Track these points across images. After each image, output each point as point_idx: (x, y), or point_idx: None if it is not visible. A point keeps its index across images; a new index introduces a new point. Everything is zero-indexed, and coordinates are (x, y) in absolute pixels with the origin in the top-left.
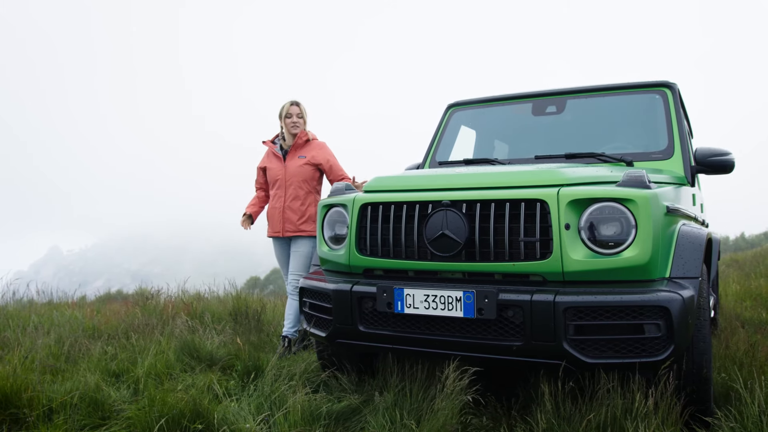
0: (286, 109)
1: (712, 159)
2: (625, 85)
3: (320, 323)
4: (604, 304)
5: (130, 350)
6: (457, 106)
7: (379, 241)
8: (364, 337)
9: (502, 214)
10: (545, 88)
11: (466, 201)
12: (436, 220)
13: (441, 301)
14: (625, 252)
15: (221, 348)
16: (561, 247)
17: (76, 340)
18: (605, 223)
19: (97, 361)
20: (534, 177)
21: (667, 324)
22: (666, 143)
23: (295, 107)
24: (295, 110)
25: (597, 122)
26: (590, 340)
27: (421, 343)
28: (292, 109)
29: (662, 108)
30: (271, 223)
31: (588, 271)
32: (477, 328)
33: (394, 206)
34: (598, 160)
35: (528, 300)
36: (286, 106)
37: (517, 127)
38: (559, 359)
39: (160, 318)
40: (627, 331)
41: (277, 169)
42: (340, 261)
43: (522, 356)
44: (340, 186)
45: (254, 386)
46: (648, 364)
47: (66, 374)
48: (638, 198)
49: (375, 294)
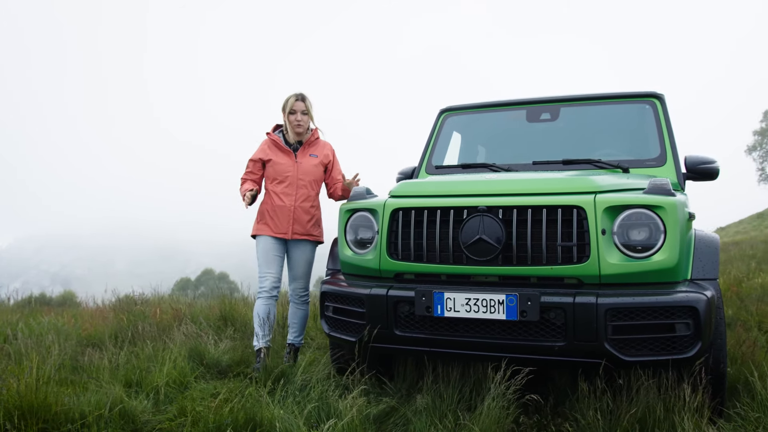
0: (290, 105)
1: (701, 166)
2: (617, 95)
3: (349, 327)
4: (641, 305)
5: (141, 359)
6: (450, 111)
7: (411, 246)
8: (399, 340)
9: (539, 219)
10: (538, 96)
11: (503, 207)
12: (472, 225)
13: (483, 305)
14: (656, 255)
15: (225, 354)
16: (598, 251)
17: (82, 350)
18: (636, 228)
19: (111, 371)
20: (569, 184)
21: (695, 323)
22: (659, 151)
23: (300, 103)
24: (300, 106)
25: (590, 130)
26: (628, 340)
27: (461, 346)
28: (297, 105)
29: (653, 117)
30: (273, 222)
31: (622, 274)
32: (519, 330)
33: (427, 211)
34: (595, 167)
35: (571, 302)
36: (290, 101)
37: (511, 133)
38: (600, 358)
39: (153, 324)
40: (660, 330)
41: (286, 164)
42: (369, 265)
43: (564, 356)
44: (361, 190)
45: (285, 392)
46: (679, 360)
47: (82, 385)
48: (667, 205)
49: (413, 298)
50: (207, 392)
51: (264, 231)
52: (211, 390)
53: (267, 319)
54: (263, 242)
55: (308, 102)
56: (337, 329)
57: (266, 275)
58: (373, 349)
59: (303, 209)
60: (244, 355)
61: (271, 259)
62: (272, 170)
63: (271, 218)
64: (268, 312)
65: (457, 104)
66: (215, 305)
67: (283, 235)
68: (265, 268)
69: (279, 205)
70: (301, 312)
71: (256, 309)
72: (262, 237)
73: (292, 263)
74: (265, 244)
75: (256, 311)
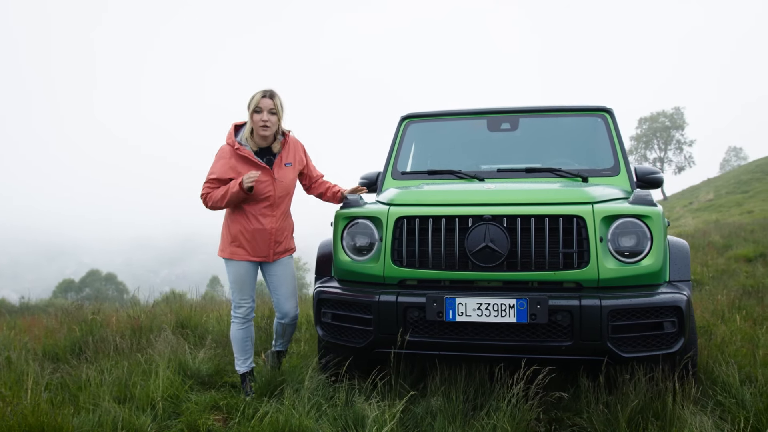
0: (255, 102)
1: (649, 176)
2: (571, 108)
3: (353, 334)
4: (637, 306)
5: (127, 373)
6: (411, 118)
7: (416, 253)
8: (409, 345)
9: (542, 228)
10: (499, 106)
11: (507, 216)
12: (478, 233)
13: (494, 309)
14: (644, 260)
15: (204, 364)
16: (597, 257)
17: (56, 367)
18: (626, 236)
19: (97, 387)
20: (568, 195)
21: (679, 320)
22: (612, 162)
23: (267, 100)
24: (267, 104)
25: (548, 140)
26: (626, 338)
27: (472, 349)
28: (264, 102)
29: (605, 130)
30: (251, 245)
31: (617, 278)
32: (528, 332)
33: (432, 219)
34: (556, 175)
35: (577, 305)
36: (256, 98)
37: (473, 142)
38: (602, 355)
39: (114, 335)
40: (651, 328)
41: (264, 184)
42: (372, 272)
43: (570, 355)
44: (355, 197)
45: (296, 400)
46: (666, 355)
47: (76, 404)
48: (653, 214)
49: (423, 304)
50: (204, 405)
51: (239, 255)
52: (207, 402)
53: (246, 342)
54: (237, 267)
55: (278, 100)
56: (338, 336)
57: (242, 303)
58: (377, 354)
59: (282, 228)
60: (220, 365)
61: (247, 286)
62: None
63: (248, 241)
64: (246, 336)
65: (418, 111)
66: (168, 311)
67: (263, 258)
68: (239, 295)
69: (257, 228)
70: (291, 328)
71: (234, 335)
72: (235, 262)
73: (276, 281)
74: (239, 269)
75: (233, 337)
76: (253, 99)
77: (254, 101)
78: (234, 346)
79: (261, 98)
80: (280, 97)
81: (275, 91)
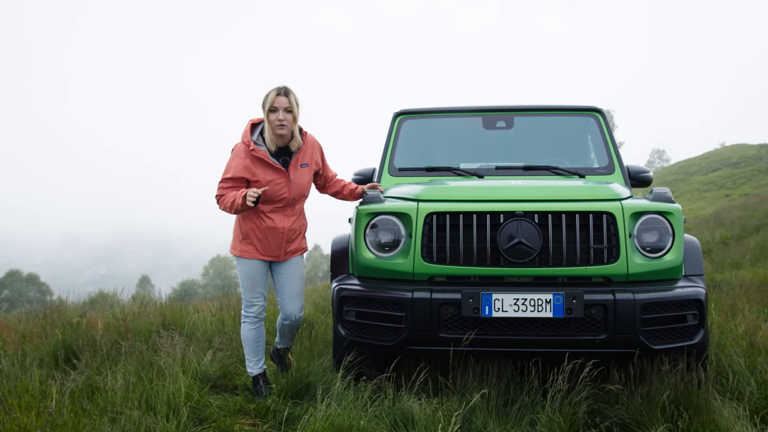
0: (270, 101)
1: (640, 175)
2: (563, 108)
3: (382, 332)
4: (666, 299)
5: (142, 378)
6: (405, 115)
7: (447, 249)
8: (443, 342)
9: (572, 224)
10: (493, 104)
11: (538, 212)
12: (510, 229)
13: (531, 304)
14: (667, 255)
15: (211, 366)
16: (627, 252)
17: (50, 374)
18: (650, 231)
19: (114, 394)
20: (597, 192)
21: (700, 313)
22: (607, 161)
23: (283, 98)
24: (282, 102)
25: (542, 139)
26: (655, 330)
27: (509, 344)
28: (279, 100)
29: (598, 129)
30: (262, 244)
31: (644, 272)
32: (563, 327)
33: (463, 215)
34: (553, 173)
35: (612, 299)
36: (270, 96)
37: (469, 139)
38: (634, 348)
39: (106, 338)
40: (676, 320)
41: (280, 186)
42: (400, 269)
43: (604, 348)
44: (376, 193)
45: (326, 404)
46: (688, 347)
47: (97, 413)
48: (675, 211)
49: (458, 300)
50: (228, 409)
51: (251, 254)
52: (231, 406)
53: (259, 343)
54: (248, 265)
55: (293, 97)
56: (364, 334)
57: (254, 302)
58: (411, 352)
59: (295, 229)
60: (225, 367)
61: (258, 284)
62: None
63: (259, 240)
64: (258, 336)
65: (412, 108)
66: (153, 312)
67: (274, 258)
68: (251, 293)
69: (270, 227)
70: (294, 329)
71: (244, 335)
72: (246, 260)
73: (283, 281)
74: (250, 267)
75: (245, 337)
76: (267, 97)
77: (269, 100)
78: (246, 347)
79: (276, 96)
80: (295, 93)
81: (290, 87)
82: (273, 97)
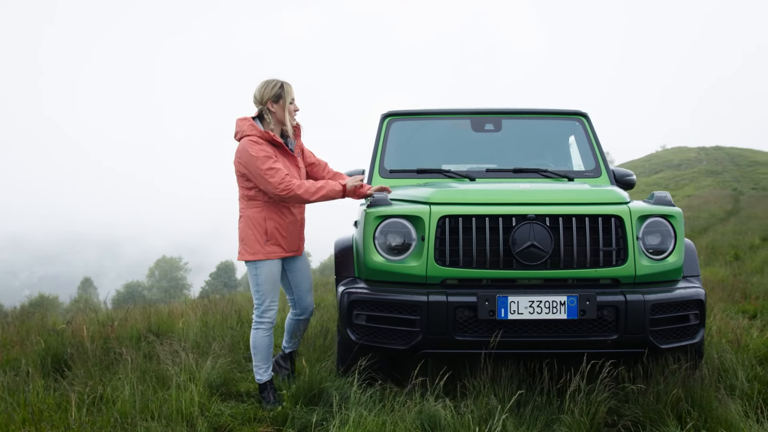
0: (291, 92)
1: (625, 178)
2: (549, 111)
3: (395, 336)
4: (672, 300)
5: (150, 387)
6: (393, 116)
7: (460, 252)
8: (458, 345)
9: (583, 227)
10: (481, 107)
11: (550, 215)
12: (523, 232)
13: (546, 306)
14: (670, 257)
15: (213, 373)
16: (634, 254)
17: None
18: (653, 234)
19: (123, 404)
20: (605, 195)
21: (701, 312)
22: (594, 164)
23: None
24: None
25: (529, 142)
26: (662, 330)
27: (523, 346)
28: (293, 91)
29: (584, 133)
30: (286, 242)
31: (650, 274)
32: (576, 328)
33: (476, 219)
34: (542, 176)
35: (623, 300)
36: (287, 89)
37: (457, 141)
38: (643, 348)
39: (95, 345)
40: (680, 320)
41: (294, 170)
42: (412, 272)
43: (615, 348)
44: (383, 195)
45: (343, 411)
46: (691, 345)
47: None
48: (677, 214)
49: (473, 303)
50: (242, 417)
51: (276, 254)
52: (245, 414)
53: (271, 349)
54: (272, 267)
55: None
56: (375, 338)
57: (271, 306)
58: (425, 356)
59: (304, 217)
60: (223, 373)
61: (277, 286)
62: None
63: (283, 237)
64: (270, 343)
65: (400, 109)
66: (137, 317)
67: (294, 252)
68: (271, 297)
69: (291, 221)
70: (306, 325)
71: (259, 342)
72: (270, 261)
73: (299, 277)
74: (272, 269)
75: (257, 344)
76: (284, 90)
77: (290, 92)
78: (257, 354)
79: (290, 88)
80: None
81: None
82: (289, 89)
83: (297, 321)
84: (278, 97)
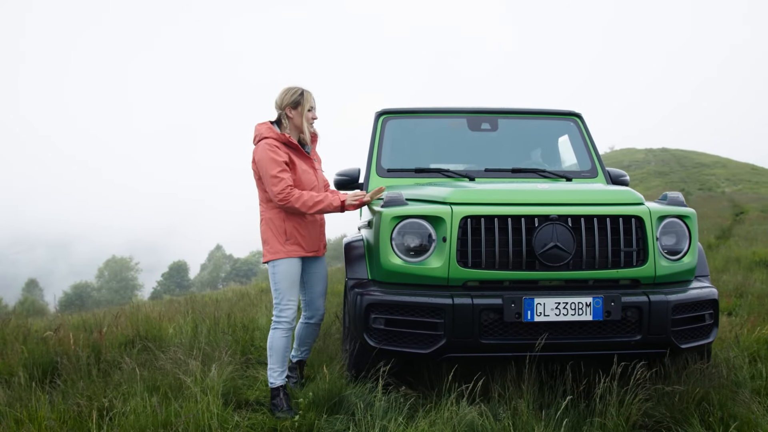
0: (311, 100)
1: (620, 179)
2: (543, 111)
3: (417, 340)
4: (691, 300)
5: (161, 397)
6: (389, 114)
7: (483, 253)
8: (484, 348)
9: (604, 227)
10: (477, 106)
11: (572, 216)
12: (545, 233)
13: (572, 308)
14: (685, 257)
15: (219, 380)
16: (654, 255)
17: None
18: (669, 234)
19: (137, 417)
20: (625, 196)
21: (715, 312)
22: (590, 164)
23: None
24: (313, 101)
25: (525, 141)
26: (682, 330)
27: (550, 348)
28: (313, 99)
29: (578, 133)
30: (305, 240)
31: (669, 274)
32: (600, 329)
33: (498, 219)
34: (540, 176)
35: (646, 301)
36: (307, 96)
37: (453, 140)
38: (665, 348)
39: (85, 353)
40: (697, 320)
41: (311, 173)
42: (433, 274)
43: (639, 348)
44: (398, 195)
45: (368, 417)
46: (707, 345)
47: None
48: (691, 215)
49: (499, 305)
50: (260, 428)
51: (296, 252)
52: (266, 424)
53: (288, 351)
54: (291, 265)
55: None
56: (395, 342)
57: (290, 304)
58: (448, 360)
59: (324, 219)
60: (228, 380)
61: (296, 284)
62: (297, 180)
63: (302, 236)
64: (288, 345)
65: (395, 107)
66: (124, 323)
67: (314, 253)
68: (289, 295)
69: (311, 221)
70: (317, 331)
71: (276, 342)
72: (290, 260)
73: (315, 278)
74: (291, 268)
75: (275, 345)
76: (304, 97)
77: (309, 100)
78: (274, 356)
79: (309, 96)
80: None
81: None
82: (311, 97)
83: (307, 325)
84: (297, 103)
